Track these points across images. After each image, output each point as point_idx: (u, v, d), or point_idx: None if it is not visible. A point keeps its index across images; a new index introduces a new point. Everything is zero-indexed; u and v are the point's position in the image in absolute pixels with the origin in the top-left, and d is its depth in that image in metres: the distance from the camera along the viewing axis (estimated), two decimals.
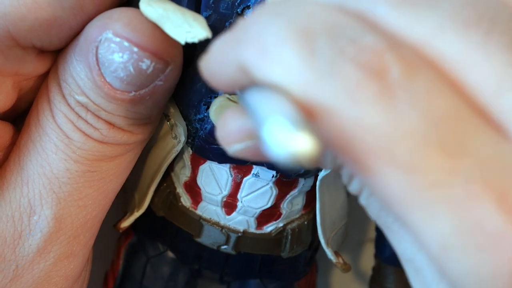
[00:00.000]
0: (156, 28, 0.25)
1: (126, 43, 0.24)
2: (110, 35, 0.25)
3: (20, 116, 0.29)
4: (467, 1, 0.19)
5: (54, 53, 0.28)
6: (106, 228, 0.31)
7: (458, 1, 0.19)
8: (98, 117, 0.27)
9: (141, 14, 0.25)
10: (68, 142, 0.27)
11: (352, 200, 0.37)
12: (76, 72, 0.26)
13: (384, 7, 0.19)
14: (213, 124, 0.29)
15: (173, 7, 0.25)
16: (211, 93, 0.29)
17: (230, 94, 0.28)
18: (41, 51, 0.27)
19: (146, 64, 0.25)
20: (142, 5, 0.25)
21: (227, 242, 0.34)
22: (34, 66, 0.27)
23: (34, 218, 0.27)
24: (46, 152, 0.27)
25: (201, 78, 0.28)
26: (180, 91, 0.29)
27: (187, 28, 0.25)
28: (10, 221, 0.27)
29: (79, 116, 0.27)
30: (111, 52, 0.25)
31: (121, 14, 0.25)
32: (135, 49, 0.24)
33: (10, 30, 0.25)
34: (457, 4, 0.19)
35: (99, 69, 0.25)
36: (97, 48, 0.25)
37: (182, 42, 0.25)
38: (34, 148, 0.27)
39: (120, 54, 0.25)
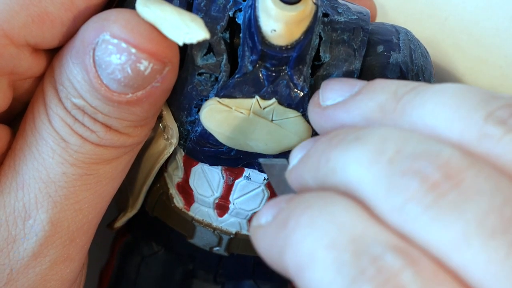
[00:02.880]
0: (153, 29, 0.25)
1: (124, 45, 0.24)
2: (107, 37, 0.25)
3: (15, 119, 0.29)
4: (493, 205, 0.20)
5: (49, 53, 0.28)
6: (101, 227, 0.31)
7: (485, 205, 0.20)
8: (95, 119, 0.26)
9: (138, 16, 0.25)
10: (65, 145, 0.27)
11: None
12: (73, 75, 0.26)
13: (416, 207, 0.20)
14: (203, 126, 0.29)
15: (170, 8, 0.25)
16: (202, 96, 0.29)
17: (220, 97, 0.28)
18: (35, 50, 0.27)
19: (144, 65, 0.25)
20: (139, 6, 0.25)
21: (219, 244, 0.34)
22: (29, 65, 0.27)
23: (29, 222, 0.27)
24: (42, 157, 0.27)
25: (192, 81, 0.28)
26: (172, 93, 0.29)
27: (185, 29, 0.25)
28: (4, 226, 0.27)
29: (76, 119, 0.26)
30: (108, 54, 0.25)
31: (118, 15, 0.25)
32: (133, 50, 0.24)
33: (4, 28, 0.25)
34: (484, 209, 0.20)
35: (96, 71, 0.25)
36: (94, 50, 0.25)
37: (180, 43, 0.25)
38: (30, 153, 0.27)
39: (118, 56, 0.24)
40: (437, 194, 0.20)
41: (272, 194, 0.32)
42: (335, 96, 0.26)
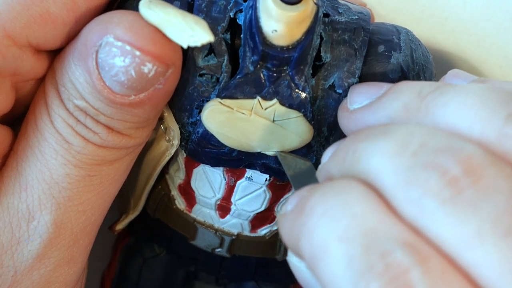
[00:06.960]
0: (157, 32, 0.25)
1: (128, 47, 0.24)
2: (111, 39, 0.24)
3: (17, 120, 0.29)
4: (510, 205, 0.20)
5: (50, 55, 0.28)
6: (103, 230, 0.31)
7: (501, 204, 0.20)
8: (97, 121, 0.26)
9: (141, 18, 0.25)
10: (67, 147, 0.27)
11: None
12: (75, 77, 0.26)
13: (432, 201, 0.20)
14: (205, 127, 0.29)
15: (174, 10, 0.25)
16: (203, 97, 0.29)
17: (222, 98, 0.28)
18: (37, 51, 0.27)
19: (148, 67, 0.25)
20: (142, 8, 0.25)
21: (221, 245, 0.34)
22: (32, 66, 0.27)
23: (33, 223, 0.27)
24: (45, 158, 0.27)
25: (193, 82, 0.28)
26: (173, 94, 0.29)
27: (189, 32, 0.25)
28: (7, 227, 0.27)
29: (78, 121, 0.26)
30: (112, 56, 0.25)
31: (122, 18, 0.25)
32: (138, 53, 0.24)
33: (6, 28, 0.25)
34: (500, 208, 0.20)
35: (99, 73, 0.25)
36: (97, 52, 0.25)
37: (185, 46, 0.25)
38: (33, 154, 0.27)
39: (122, 58, 0.24)
40: (455, 190, 0.20)
41: (274, 195, 0.32)
42: (362, 99, 0.26)
